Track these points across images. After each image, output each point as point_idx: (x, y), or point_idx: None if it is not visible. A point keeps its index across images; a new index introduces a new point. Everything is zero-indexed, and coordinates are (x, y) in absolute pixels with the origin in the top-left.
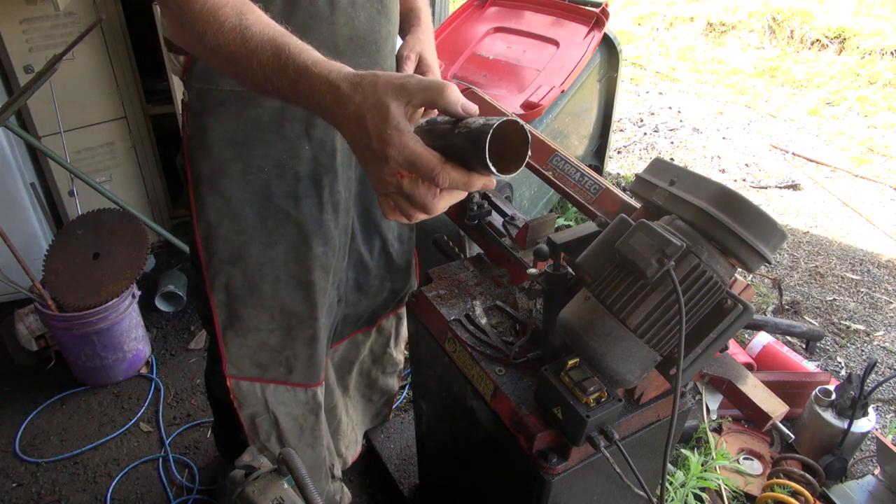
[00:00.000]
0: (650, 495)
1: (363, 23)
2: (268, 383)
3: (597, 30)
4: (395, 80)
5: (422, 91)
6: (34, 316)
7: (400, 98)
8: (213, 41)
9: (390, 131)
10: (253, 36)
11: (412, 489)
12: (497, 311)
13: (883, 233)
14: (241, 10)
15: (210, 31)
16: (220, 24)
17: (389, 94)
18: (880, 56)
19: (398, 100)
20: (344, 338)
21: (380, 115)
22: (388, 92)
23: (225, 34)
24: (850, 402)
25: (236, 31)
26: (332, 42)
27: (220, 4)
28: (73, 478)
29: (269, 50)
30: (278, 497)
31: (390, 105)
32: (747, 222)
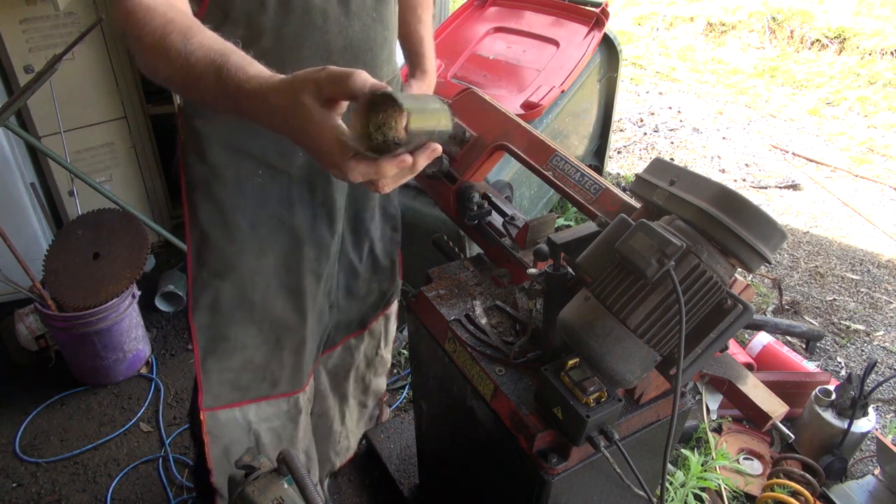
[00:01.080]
0: (650, 495)
1: (357, 32)
2: (249, 404)
3: (597, 30)
4: (310, 75)
5: (331, 82)
6: (34, 316)
7: (315, 93)
8: (165, 72)
9: (308, 126)
10: (197, 60)
11: (412, 489)
12: (497, 311)
13: (883, 233)
14: (186, 34)
15: (161, 63)
16: (167, 53)
17: (305, 91)
18: (880, 56)
19: (313, 95)
20: (337, 344)
21: (298, 113)
22: (304, 89)
23: (173, 63)
24: (850, 402)
25: (182, 57)
26: (326, 51)
27: (167, 33)
28: (73, 478)
29: (211, 72)
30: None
31: (305, 101)
32: (747, 222)
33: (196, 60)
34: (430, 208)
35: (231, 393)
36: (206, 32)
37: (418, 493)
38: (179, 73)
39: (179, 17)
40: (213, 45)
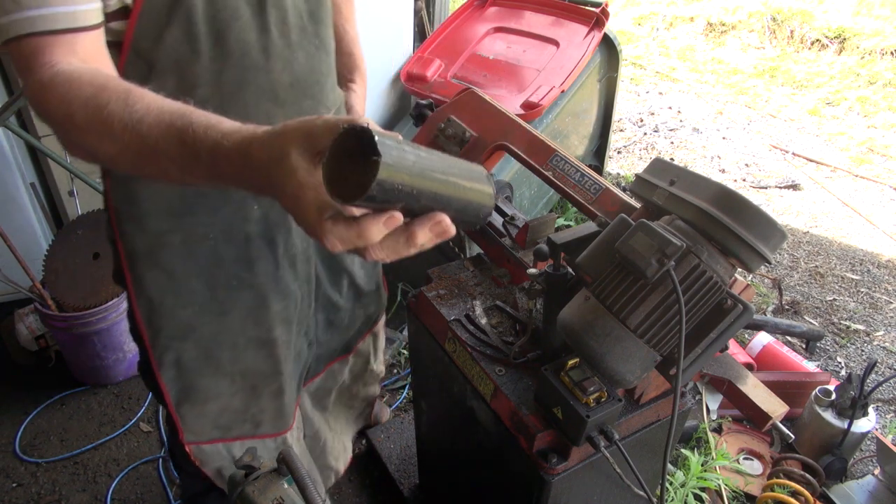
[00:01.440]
0: (650, 495)
1: (303, 64)
2: (234, 441)
3: (597, 30)
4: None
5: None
6: (34, 316)
7: (306, 145)
8: (109, 150)
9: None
10: (150, 129)
11: (412, 489)
12: (497, 311)
13: (883, 233)
14: (126, 101)
15: (103, 141)
16: (108, 128)
17: (295, 143)
18: (880, 56)
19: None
20: (319, 372)
21: (281, 168)
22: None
23: (118, 138)
24: (850, 402)
25: (129, 129)
26: (272, 91)
27: (102, 104)
28: (73, 478)
29: (172, 138)
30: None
31: (291, 153)
32: (747, 222)
33: (148, 128)
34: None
35: (213, 431)
36: (149, 94)
37: (418, 493)
38: (129, 148)
39: (112, 82)
40: (164, 106)
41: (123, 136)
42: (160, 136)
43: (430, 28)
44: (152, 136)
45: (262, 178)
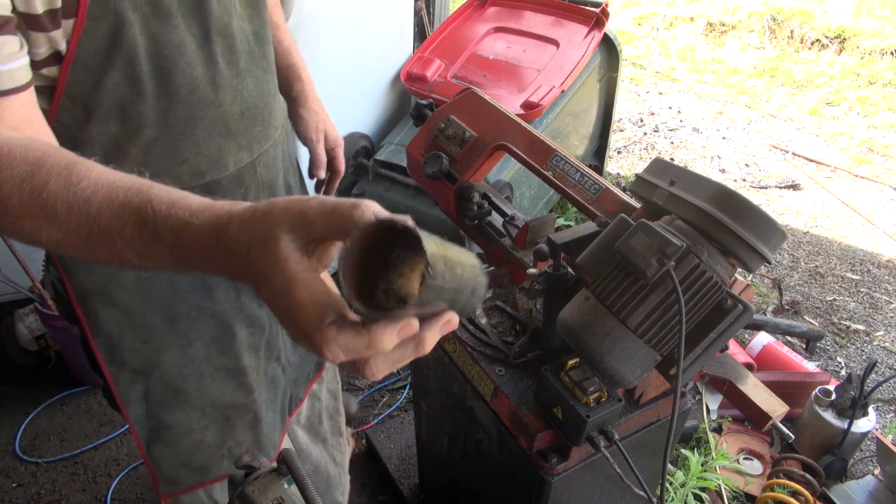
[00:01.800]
0: (650, 495)
1: (252, 91)
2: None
3: (597, 30)
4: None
5: (327, 215)
6: (34, 316)
7: (298, 228)
8: (52, 236)
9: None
10: (100, 209)
11: (412, 489)
12: (497, 311)
13: (883, 233)
14: (70, 179)
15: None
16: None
17: (284, 225)
18: (880, 56)
19: (294, 230)
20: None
21: (266, 254)
22: (283, 222)
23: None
24: (850, 402)
25: (75, 212)
26: (224, 124)
27: (40, 186)
28: (73, 478)
29: (130, 219)
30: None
31: (281, 239)
32: (747, 222)
33: (98, 209)
34: (430, 208)
35: (190, 476)
36: (96, 168)
37: (418, 493)
38: (76, 233)
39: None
40: (115, 182)
41: (69, 220)
42: (113, 216)
43: (430, 28)
44: (103, 217)
45: (240, 265)
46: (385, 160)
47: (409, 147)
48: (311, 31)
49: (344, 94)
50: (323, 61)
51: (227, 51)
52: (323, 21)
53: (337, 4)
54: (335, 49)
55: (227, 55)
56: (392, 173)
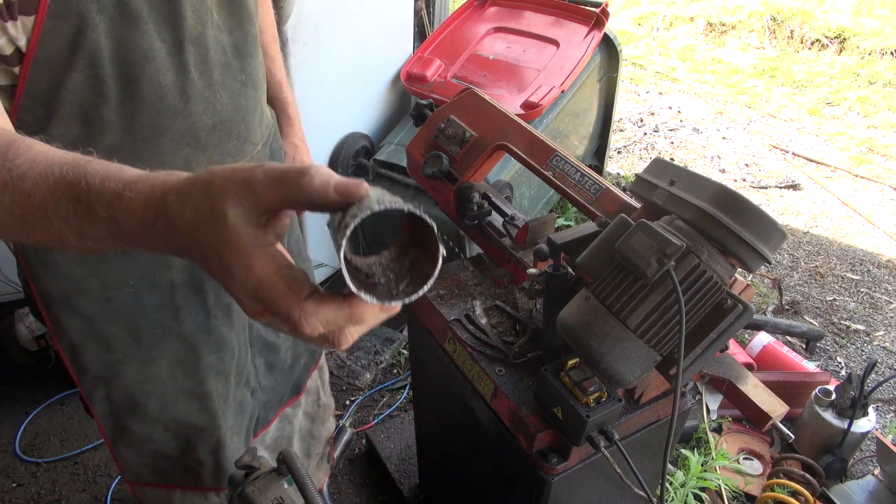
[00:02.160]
0: (650, 495)
1: (226, 104)
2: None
3: (597, 30)
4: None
5: (273, 185)
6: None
7: (244, 201)
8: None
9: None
10: (35, 185)
11: (412, 489)
12: (497, 311)
13: (883, 233)
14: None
15: None
16: None
17: (229, 198)
18: (880, 56)
19: (242, 205)
20: (271, 421)
21: (215, 231)
22: (227, 194)
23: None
24: (850, 402)
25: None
26: (193, 136)
27: None
28: (73, 478)
29: (65, 195)
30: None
31: (228, 213)
32: (747, 222)
33: (33, 186)
34: (430, 208)
35: (152, 475)
36: (38, 146)
37: (418, 493)
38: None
39: None
40: (52, 157)
41: (3, 198)
42: (48, 192)
43: (430, 28)
44: (38, 194)
45: (186, 243)
46: (385, 160)
47: (409, 147)
48: (311, 31)
49: (344, 94)
50: (323, 61)
51: (200, 61)
52: (323, 21)
53: (337, 4)
54: (335, 49)
55: (199, 65)
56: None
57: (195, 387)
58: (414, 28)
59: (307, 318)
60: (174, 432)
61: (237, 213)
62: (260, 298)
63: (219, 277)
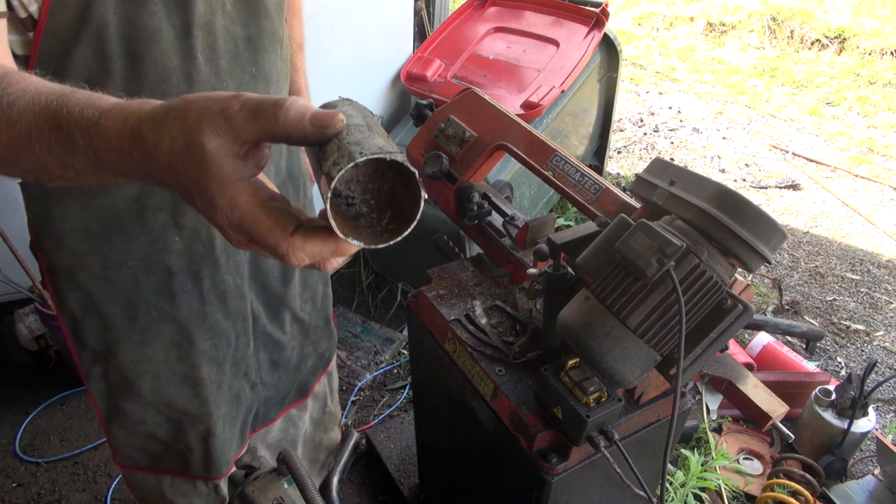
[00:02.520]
0: (650, 495)
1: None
2: (163, 474)
3: (597, 30)
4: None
5: (251, 117)
6: (34, 316)
7: (223, 132)
8: None
9: (210, 185)
10: (21, 113)
11: (412, 489)
12: (497, 311)
13: (883, 233)
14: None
15: None
16: None
17: (206, 128)
18: (880, 56)
19: (221, 136)
20: (274, 418)
21: (194, 162)
22: (204, 124)
23: None
24: (850, 402)
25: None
26: None
27: None
28: (73, 478)
29: (47, 123)
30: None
31: (206, 145)
32: (747, 222)
33: (19, 113)
34: (430, 208)
35: (143, 458)
36: (31, 78)
37: (418, 493)
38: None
39: None
40: (41, 88)
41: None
42: (33, 121)
43: (430, 28)
44: (23, 122)
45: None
46: None
47: (409, 147)
48: (312, 31)
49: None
50: (323, 61)
51: (208, 47)
52: (323, 21)
53: (337, 4)
54: (335, 49)
55: (206, 52)
56: None
57: (188, 371)
58: (414, 28)
59: (294, 252)
60: (165, 416)
61: (215, 144)
62: (245, 232)
63: (200, 208)
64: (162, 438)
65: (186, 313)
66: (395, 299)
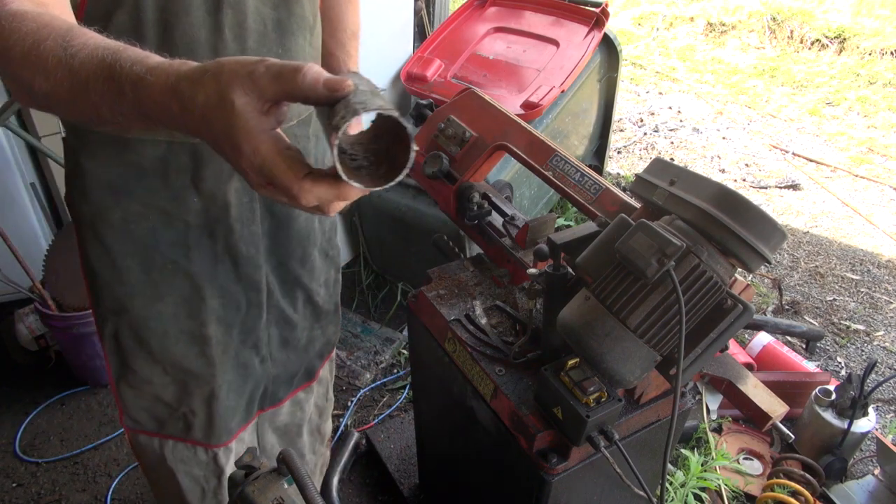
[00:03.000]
0: (650, 495)
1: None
2: (166, 439)
3: (597, 30)
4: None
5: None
6: (34, 316)
7: (249, 91)
8: (43, 87)
9: (237, 134)
10: (82, 64)
11: (412, 489)
12: (497, 311)
13: (883, 233)
14: (66, 37)
15: (38, 76)
16: (44, 63)
17: (236, 87)
18: (880, 56)
19: (248, 94)
20: (283, 399)
21: (224, 115)
22: (234, 84)
23: (52, 74)
24: (850, 402)
25: (63, 64)
26: None
27: (41, 38)
28: (73, 478)
29: (102, 74)
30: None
31: (235, 101)
32: (747, 222)
33: (80, 64)
34: (430, 208)
35: (149, 421)
36: (90, 34)
37: (418, 493)
38: (61, 84)
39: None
40: (99, 43)
41: (56, 73)
42: (91, 72)
43: (430, 28)
44: (83, 72)
45: (197, 121)
46: None
47: None
48: None
49: None
50: None
51: (237, 25)
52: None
53: None
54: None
55: (235, 29)
56: None
57: (196, 329)
58: (414, 28)
59: (304, 194)
60: (172, 376)
61: (244, 101)
62: (265, 174)
63: (228, 155)
64: (167, 401)
65: (199, 267)
66: (395, 299)
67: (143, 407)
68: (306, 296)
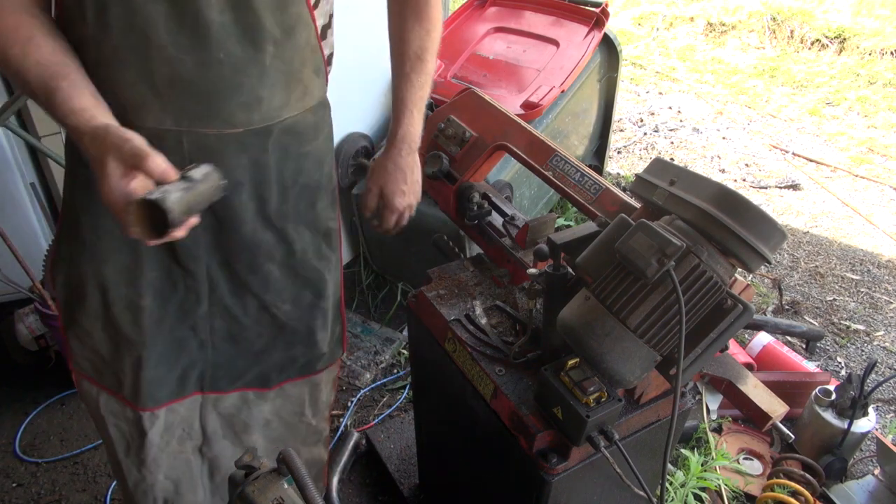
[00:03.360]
0: (650, 495)
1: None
2: (102, 389)
3: (597, 30)
4: (118, 141)
5: (131, 157)
6: (34, 316)
7: (118, 157)
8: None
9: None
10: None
11: (412, 489)
12: (497, 311)
13: (883, 233)
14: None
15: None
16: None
17: (110, 154)
18: (880, 56)
19: (116, 158)
20: (225, 391)
21: (101, 169)
22: (109, 151)
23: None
24: (850, 402)
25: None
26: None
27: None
28: (73, 478)
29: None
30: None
31: (108, 162)
32: (747, 222)
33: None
34: (430, 208)
35: (90, 369)
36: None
37: (418, 493)
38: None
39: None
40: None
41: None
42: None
43: None
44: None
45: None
46: None
47: None
48: None
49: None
50: None
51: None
52: None
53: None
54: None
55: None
56: None
57: (134, 297)
58: None
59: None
60: (108, 335)
61: (114, 164)
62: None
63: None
64: (104, 356)
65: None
66: (395, 299)
67: (85, 357)
68: (260, 304)
